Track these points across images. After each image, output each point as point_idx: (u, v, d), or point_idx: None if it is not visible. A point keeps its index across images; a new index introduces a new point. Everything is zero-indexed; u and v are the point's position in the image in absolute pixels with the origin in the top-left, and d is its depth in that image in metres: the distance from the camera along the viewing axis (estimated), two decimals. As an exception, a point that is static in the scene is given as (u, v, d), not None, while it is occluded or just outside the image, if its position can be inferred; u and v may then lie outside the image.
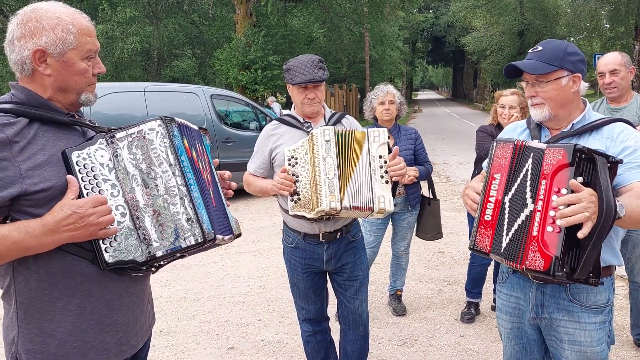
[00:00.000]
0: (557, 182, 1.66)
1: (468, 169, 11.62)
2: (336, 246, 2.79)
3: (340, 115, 2.85)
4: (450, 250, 6.05)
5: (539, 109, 1.98)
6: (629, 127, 1.93)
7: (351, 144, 2.51)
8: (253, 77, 18.52)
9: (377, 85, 4.15)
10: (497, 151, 1.90)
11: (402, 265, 4.36)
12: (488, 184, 1.90)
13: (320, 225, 2.70)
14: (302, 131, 2.71)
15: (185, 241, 1.54)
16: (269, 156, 2.77)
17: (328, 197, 2.41)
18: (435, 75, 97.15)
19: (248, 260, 5.94)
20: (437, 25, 46.46)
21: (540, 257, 1.66)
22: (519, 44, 31.93)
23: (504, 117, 3.91)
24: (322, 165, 2.44)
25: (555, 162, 1.66)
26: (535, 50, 2.00)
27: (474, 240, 1.92)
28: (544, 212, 1.67)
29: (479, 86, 44.41)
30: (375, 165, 2.52)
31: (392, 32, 31.49)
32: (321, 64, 2.66)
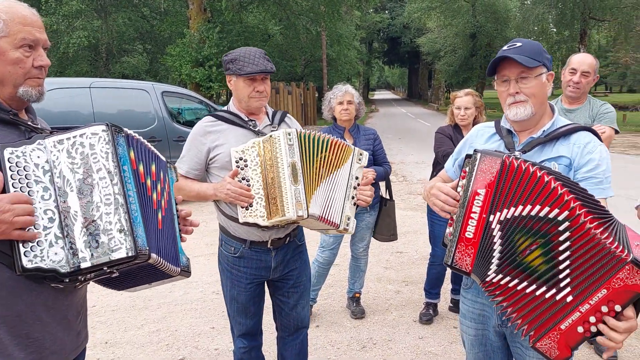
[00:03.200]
0: (616, 296, 1.52)
1: (424, 168, 11.73)
2: (284, 252, 2.62)
3: (283, 114, 2.68)
4: (408, 250, 6.01)
5: (521, 106, 1.88)
6: (596, 139, 1.90)
7: (321, 150, 2.36)
8: (207, 74, 18.10)
9: (336, 85, 4.04)
10: (482, 165, 1.72)
11: (361, 267, 4.27)
12: (470, 199, 1.73)
13: (271, 232, 2.52)
14: (248, 130, 2.50)
15: (114, 254, 1.41)
16: (205, 156, 2.51)
17: (294, 204, 2.25)
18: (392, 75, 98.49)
19: (201, 264, 5.72)
20: (393, 25, 46.96)
21: (556, 348, 1.61)
22: (471, 45, 32.70)
23: (460, 118, 3.95)
24: (287, 170, 2.27)
25: (632, 284, 1.49)
26: (513, 45, 1.90)
27: (452, 257, 1.78)
28: (585, 315, 1.56)
29: (433, 87, 45.22)
30: (351, 184, 2.45)
31: (349, 31, 31.53)
32: (267, 57, 2.49)
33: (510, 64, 1.86)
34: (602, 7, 24.97)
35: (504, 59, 1.88)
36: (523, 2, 28.70)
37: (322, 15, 22.49)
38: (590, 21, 26.04)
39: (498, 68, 1.92)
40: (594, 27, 28.17)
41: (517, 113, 1.89)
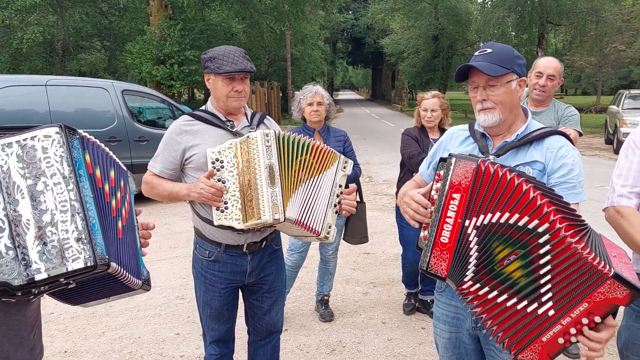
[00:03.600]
0: (596, 309, 1.52)
1: (390, 168, 11.81)
2: (260, 256, 2.55)
3: (262, 115, 2.63)
4: (375, 251, 6.00)
5: (489, 113, 1.90)
6: (568, 143, 1.92)
7: (300, 153, 2.30)
8: (169, 72, 17.75)
9: (306, 85, 3.98)
10: (456, 169, 1.71)
11: (330, 269, 4.22)
12: (445, 203, 1.72)
13: (247, 235, 2.45)
14: (225, 130, 2.43)
15: (72, 264, 1.31)
16: (181, 156, 2.43)
17: (271, 208, 2.18)
18: (355, 75, 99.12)
19: (165, 268, 5.55)
20: (357, 26, 47.24)
21: (538, 359, 1.60)
22: (434, 47, 33.22)
23: (427, 119, 4.00)
24: (264, 172, 2.20)
25: (612, 297, 1.49)
26: (484, 52, 1.90)
27: (428, 262, 1.76)
28: (566, 328, 1.55)
29: (397, 87, 45.72)
30: (335, 192, 2.40)
31: (313, 31, 31.55)
32: (247, 56, 2.43)
33: (479, 71, 1.86)
34: (559, 12, 25.80)
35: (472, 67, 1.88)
36: (484, 6, 29.36)
37: (286, 15, 22.41)
38: (548, 25, 26.86)
39: (469, 73, 1.92)
40: (551, 31, 29.09)
41: (485, 119, 1.91)
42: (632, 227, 1.97)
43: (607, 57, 32.90)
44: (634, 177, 2.05)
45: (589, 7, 25.54)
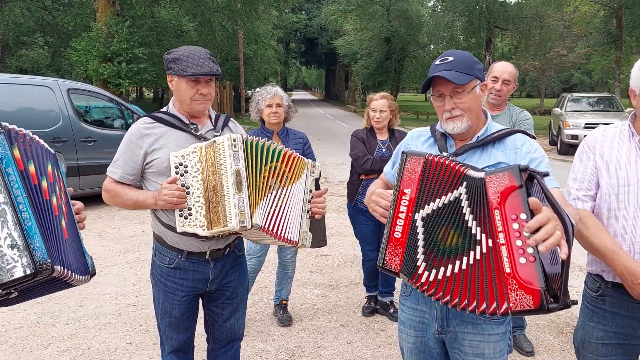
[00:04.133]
0: (511, 208, 1.53)
1: (345, 169, 11.83)
2: (223, 263, 2.48)
3: (227, 118, 2.55)
4: (333, 252, 5.98)
5: (458, 121, 1.91)
6: (529, 139, 1.96)
7: (269, 159, 2.26)
8: (116, 70, 17.16)
9: (264, 87, 3.91)
10: (407, 165, 1.78)
11: (288, 273, 4.17)
12: (398, 199, 1.78)
13: (211, 242, 2.37)
14: (189, 134, 2.34)
15: (8, 274, 1.21)
16: (142, 160, 2.33)
17: (238, 214, 2.11)
18: (309, 76, 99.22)
19: (114, 274, 5.33)
20: (310, 26, 47.21)
21: (525, 293, 1.49)
22: (386, 49, 33.65)
23: (376, 120, 4.05)
24: (230, 178, 2.13)
25: (503, 187, 1.55)
26: (445, 60, 1.91)
27: (384, 258, 1.79)
28: (509, 245, 1.53)
29: (350, 88, 46.05)
30: (307, 198, 2.39)
31: (266, 30, 31.32)
32: (213, 58, 2.35)
33: (444, 80, 1.87)
34: (505, 17, 26.71)
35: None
36: (434, 10, 30.00)
37: (238, 13, 22.13)
38: (495, 30, 27.75)
39: (432, 83, 1.93)
40: (498, 35, 30.07)
41: (454, 127, 1.92)
42: (588, 229, 2.03)
43: (550, 62, 34.37)
44: (589, 180, 2.10)
45: (534, 13, 26.56)
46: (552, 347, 3.78)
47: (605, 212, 2.04)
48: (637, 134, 2.03)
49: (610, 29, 23.36)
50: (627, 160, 2.01)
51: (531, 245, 1.48)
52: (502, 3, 27.08)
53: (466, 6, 26.14)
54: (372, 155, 4.01)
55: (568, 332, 4.01)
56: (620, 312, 2.05)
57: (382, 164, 3.92)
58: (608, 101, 16.28)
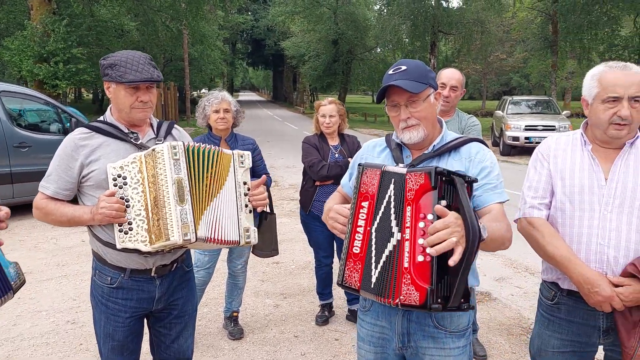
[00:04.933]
0: (422, 207, 1.58)
1: (296, 172, 11.74)
2: (170, 280, 2.33)
3: (170, 125, 2.40)
4: (284, 260, 5.86)
5: (414, 130, 1.89)
6: (484, 147, 1.96)
7: (211, 164, 2.14)
8: (53, 71, 16.33)
9: (212, 91, 3.78)
10: (364, 177, 1.74)
11: (239, 284, 4.02)
12: (355, 213, 1.74)
13: (156, 258, 2.23)
14: (129, 143, 2.19)
15: None
16: (77, 174, 2.15)
17: (180, 227, 1.99)
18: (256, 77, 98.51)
19: (52, 289, 4.99)
20: (257, 27, 46.81)
21: (414, 289, 1.56)
22: (334, 51, 33.84)
23: (325, 126, 4.01)
24: (171, 189, 2.00)
25: (418, 186, 1.59)
26: (399, 69, 1.88)
27: (343, 276, 1.74)
28: (413, 240, 1.58)
29: (298, 90, 46.02)
30: (241, 192, 2.25)
31: (212, 31, 30.77)
32: (154, 63, 2.20)
33: (399, 89, 1.84)
34: (449, 22, 27.48)
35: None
36: (380, 13, 30.42)
37: (183, 13, 21.61)
38: (439, 34, 28.48)
39: (386, 93, 1.91)
40: (441, 39, 30.86)
41: (410, 137, 1.90)
42: (543, 237, 2.02)
43: (490, 65, 35.63)
44: (544, 188, 2.10)
45: (475, 19, 27.47)
46: (503, 350, 3.81)
47: (561, 221, 2.04)
48: (589, 142, 2.04)
49: (547, 35, 24.47)
50: (580, 169, 2.02)
51: (426, 245, 1.52)
52: (445, 8, 27.85)
53: (411, 10, 26.68)
54: (325, 161, 3.94)
55: (517, 333, 4.07)
56: (576, 320, 2.06)
57: (337, 169, 3.85)
58: (546, 104, 16.99)
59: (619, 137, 1.94)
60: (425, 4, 27.04)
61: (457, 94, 3.56)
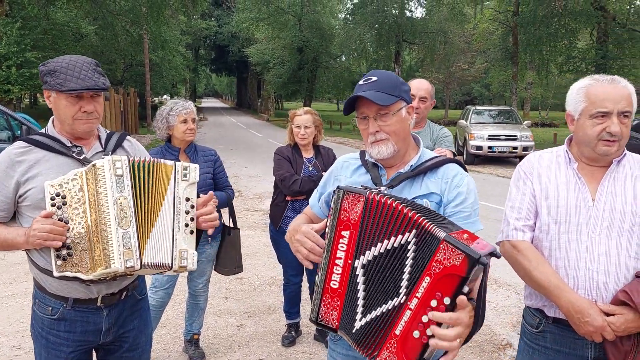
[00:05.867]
0: (442, 286, 1.38)
1: (260, 181, 11.50)
2: (119, 310, 2.12)
3: (121, 137, 2.17)
4: (249, 275, 5.61)
5: (383, 145, 1.76)
6: (462, 171, 1.85)
7: (153, 180, 1.93)
8: (5, 75, 15.60)
9: (175, 100, 3.54)
10: (344, 203, 1.55)
11: (200, 305, 3.77)
12: (334, 242, 1.55)
13: (101, 287, 2.01)
14: (71, 158, 1.97)
15: None
16: (13, 193, 1.94)
17: (123, 252, 1.80)
18: (219, 83, 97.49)
19: (-5, 311, 4.61)
20: (220, 33, 46.24)
21: (395, 357, 1.43)
22: (299, 59, 33.73)
23: (300, 137, 3.81)
24: (113, 210, 1.81)
25: (450, 266, 1.36)
26: (369, 80, 1.75)
27: (318, 311, 1.56)
28: (416, 313, 1.41)
29: (263, 97, 45.69)
30: (181, 209, 2.00)
31: (174, 36, 30.19)
32: (100, 69, 1.99)
33: (368, 101, 1.71)
34: (413, 31, 27.85)
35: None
36: (346, 22, 30.57)
37: (144, 18, 21.09)
38: (403, 43, 28.80)
39: (356, 104, 1.78)
40: (406, 49, 31.21)
41: (379, 152, 1.77)
42: (529, 262, 1.89)
43: (453, 75, 36.24)
44: (527, 209, 1.98)
45: (438, 29, 27.92)
46: (476, 369, 3.70)
47: (546, 244, 1.91)
48: (575, 160, 1.93)
49: (508, 46, 25.06)
50: (566, 188, 1.90)
51: (429, 333, 1.39)
52: (409, 18, 28.20)
53: (375, 19, 26.90)
54: (298, 174, 3.74)
55: (490, 350, 3.96)
56: (563, 350, 1.93)
57: (310, 184, 3.65)
58: (508, 114, 17.30)
59: (608, 154, 1.83)
60: (389, 13, 27.30)
61: (427, 105, 3.45)
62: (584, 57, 22.02)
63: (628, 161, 1.88)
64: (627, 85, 1.82)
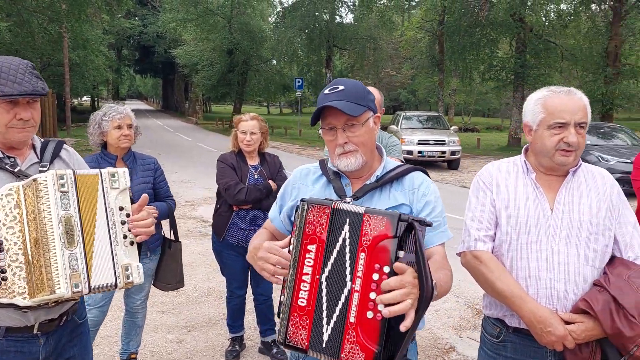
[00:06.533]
0: (377, 256, 1.39)
1: (192, 187, 11.15)
2: (58, 337, 1.93)
3: (58, 145, 1.98)
4: (186, 287, 5.30)
5: (352, 157, 1.71)
6: (427, 178, 1.82)
7: (83, 194, 1.75)
8: None
9: (109, 105, 3.30)
10: (309, 215, 1.48)
11: (138, 322, 3.54)
12: (300, 258, 1.47)
13: (39, 313, 1.82)
14: (3, 171, 1.78)
15: None
16: None
17: (69, 276, 1.64)
18: (144, 85, 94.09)
19: None
20: (145, 34, 44.54)
21: (359, 350, 1.37)
22: (229, 61, 33.17)
23: (246, 143, 3.68)
24: (57, 229, 1.65)
25: (377, 232, 1.39)
26: (336, 89, 1.69)
27: (286, 332, 1.46)
28: (363, 293, 1.39)
29: (191, 99, 44.56)
30: (116, 221, 1.81)
31: (96, 35, 28.74)
32: (37, 72, 1.79)
33: (336, 111, 1.65)
34: (343, 37, 28.24)
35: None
36: (276, 25, 30.44)
37: (64, 15, 19.91)
38: (334, 49, 29.10)
39: (322, 115, 1.71)
40: (336, 54, 31.58)
41: (348, 164, 1.72)
42: (492, 273, 1.90)
43: (381, 81, 37.14)
44: (488, 220, 1.98)
45: (368, 35, 28.48)
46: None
47: (507, 254, 1.92)
48: (532, 170, 1.96)
49: (434, 54, 26.00)
50: (525, 198, 1.92)
51: (379, 303, 1.36)
52: (339, 23, 28.54)
53: (306, 24, 27.00)
54: (243, 183, 3.60)
55: (434, 355, 4.01)
56: (524, 359, 1.94)
57: (257, 193, 3.53)
58: (436, 119, 17.92)
59: (565, 164, 1.87)
60: (319, 18, 27.50)
61: (380, 114, 3.43)
62: (504, 65, 23.25)
63: (582, 171, 1.94)
64: (582, 96, 1.87)
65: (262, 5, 33.17)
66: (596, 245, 1.84)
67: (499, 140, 26.29)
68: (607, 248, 1.86)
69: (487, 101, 39.18)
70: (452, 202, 7.58)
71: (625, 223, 1.89)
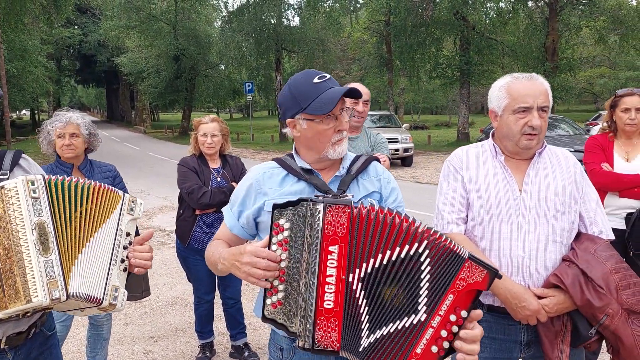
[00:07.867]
0: (460, 299, 1.41)
1: (145, 197, 10.86)
2: (27, 350, 1.83)
3: (16, 155, 1.89)
4: (148, 297, 5.22)
5: (344, 143, 1.73)
6: (381, 166, 1.88)
7: (81, 202, 1.70)
8: None
9: (56, 113, 3.16)
10: (328, 217, 1.42)
11: (103, 335, 3.42)
12: (322, 260, 1.42)
13: (8, 326, 1.72)
14: None
15: None
16: None
17: (47, 283, 1.56)
18: (87, 95, 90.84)
19: None
20: (85, 42, 43.06)
21: None
22: (176, 68, 32.50)
23: (207, 146, 3.62)
24: (30, 235, 1.57)
25: (473, 282, 1.41)
26: (325, 77, 1.73)
27: (313, 337, 1.41)
28: (438, 330, 1.41)
29: (137, 108, 43.41)
30: (120, 243, 1.79)
31: (34, 45, 27.56)
32: None
33: (349, 95, 1.68)
34: (292, 39, 28.19)
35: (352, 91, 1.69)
36: (223, 29, 30.05)
37: None
38: (283, 51, 29.03)
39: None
40: (285, 57, 31.51)
41: (341, 151, 1.72)
42: None
43: (330, 82, 37.34)
44: (460, 202, 2.03)
45: (316, 37, 28.57)
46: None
47: (479, 235, 1.98)
48: (501, 153, 2.02)
49: (382, 54, 26.40)
50: (494, 180, 1.99)
51: (455, 346, 1.41)
52: (287, 26, 28.51)
53: (253, 28, 26.81)
54: (206, 186, 3.53)
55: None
56: (498, 337, 2.01)
57: (221, 195, 3.47)
58: (388, 118, 18.24)
59: (530, 147, 1.94)
60: (267, 21, 27.39)
61: (368, 108, 3.46)
62: (449, 63, 23.89)
63: (547, 153, 2.02)
64: (543, 82, 1.95)
65: (207, 10, 32.68)
66: (563, 223, 1.92)
67: (448, 136, 27.00)
68: (573, 225, 1.95)
69: (435, 99, 40.15)
70: (407, 197, 7.72)
71: (588, 200, 1.98)
